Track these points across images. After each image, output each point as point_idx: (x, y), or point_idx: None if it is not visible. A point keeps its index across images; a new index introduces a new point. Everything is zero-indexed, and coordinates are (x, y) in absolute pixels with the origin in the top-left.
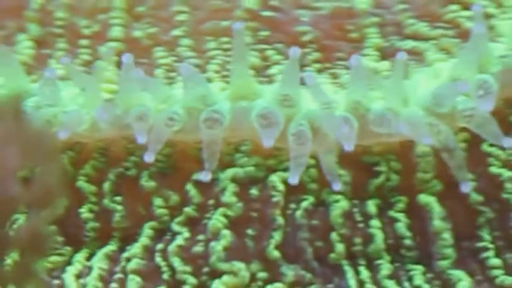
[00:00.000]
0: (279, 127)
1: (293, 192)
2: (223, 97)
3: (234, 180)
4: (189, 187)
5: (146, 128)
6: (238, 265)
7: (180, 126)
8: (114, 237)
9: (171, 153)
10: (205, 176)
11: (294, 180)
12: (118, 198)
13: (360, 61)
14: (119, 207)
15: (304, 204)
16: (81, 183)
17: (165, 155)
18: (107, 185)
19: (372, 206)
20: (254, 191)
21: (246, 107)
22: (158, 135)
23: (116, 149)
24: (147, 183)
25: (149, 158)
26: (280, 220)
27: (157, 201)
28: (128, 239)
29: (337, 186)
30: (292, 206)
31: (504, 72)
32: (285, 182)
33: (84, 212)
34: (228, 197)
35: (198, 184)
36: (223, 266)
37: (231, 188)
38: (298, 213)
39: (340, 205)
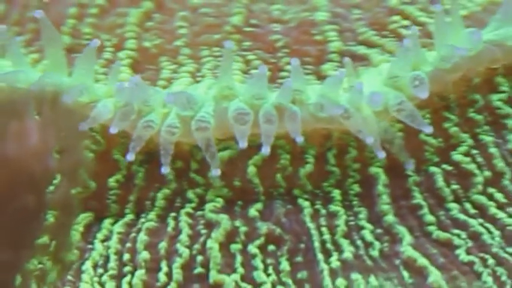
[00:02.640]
0: (250, 123)
1: (270, 175)
2: (208, 98)
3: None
4: (193, 175)
5: (149, 135)
6: (222, 215)
7: (179, 134)
8: (131, 202)
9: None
10: (215, 173)
11: (266, 151)
12: (144, 165)
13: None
14: (142, 169)
15: (280, 190)
16: (117, 156)
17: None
18: (137, 157)
19: (331, 186)
20: (237, 183)
21: (225, 108)
22: (166, 150)
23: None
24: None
25: (165, 170)
26: (262, 197)
27: (171, 172)
28: (143, 201)
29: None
30: (271, 190)
31: (435, 71)
32: (258, 168)
33: (112, 181)
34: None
35: (199, 171)
36: (213, 216)
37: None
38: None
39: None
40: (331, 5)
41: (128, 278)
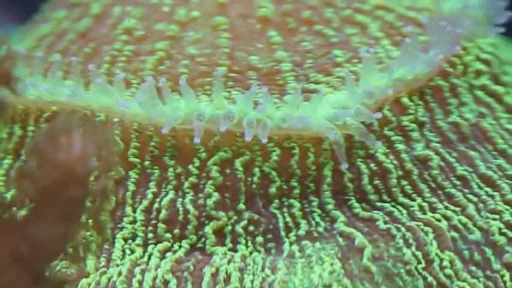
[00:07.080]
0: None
1: (249, 168)
2: (207, 108)
3: (215, 163)
4: (191, 167)
5: (165, 121)
6: (221, 213)
7: (181, 120)
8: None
9: (175, 144)
10: (196, 140)
11: (248, 137)
12: (156, 167)
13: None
14: (156, 171)
15: (255, 178)
16: (132, 158)
17: (172, 144)
18: (147, 157)
19: (295, 182)
20: (228, 170)
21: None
22: (169, 123)
23: (144, 134)
24: (169, 161)
25: (165, 130)
26: (243, 188)
27: (171, 170)
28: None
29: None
30: (249, 179)
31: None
32: (243, 165)
33: (132, 173)
34: (214, 173)
35: (197, 166)
36: (213, 213)
37: (215, 168)
38: (254, 186)
39: (275, 184)
40: (289, 53)
41: (152, 246)
